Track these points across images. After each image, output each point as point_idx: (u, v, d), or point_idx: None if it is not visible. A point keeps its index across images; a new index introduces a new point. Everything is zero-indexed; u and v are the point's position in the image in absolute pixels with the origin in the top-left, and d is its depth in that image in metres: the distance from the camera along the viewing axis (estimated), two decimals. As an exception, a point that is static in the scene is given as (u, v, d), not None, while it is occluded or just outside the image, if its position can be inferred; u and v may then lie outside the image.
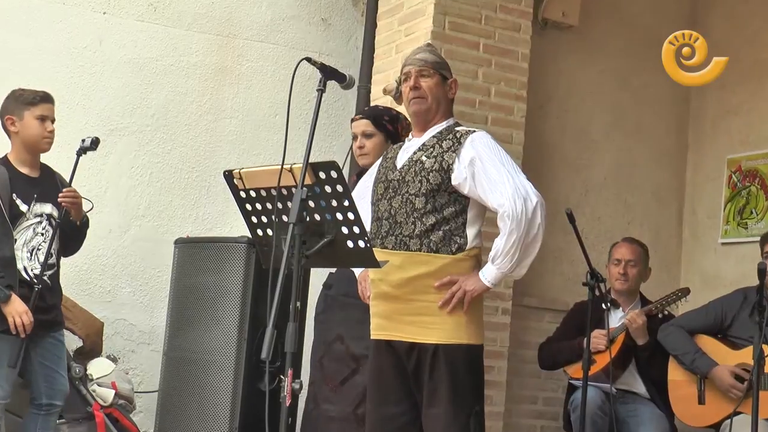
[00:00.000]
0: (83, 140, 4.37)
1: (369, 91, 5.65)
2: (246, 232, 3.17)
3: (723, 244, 6.04)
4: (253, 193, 2.98)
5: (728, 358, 4.44)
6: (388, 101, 4.86)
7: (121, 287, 5.46)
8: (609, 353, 4.57)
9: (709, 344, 4.53)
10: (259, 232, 3.04)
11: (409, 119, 3.78)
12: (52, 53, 5.42)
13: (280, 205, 2.88)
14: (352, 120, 4.31)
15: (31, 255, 4.18)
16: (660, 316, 4.76)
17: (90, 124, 5.39)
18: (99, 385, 4.78)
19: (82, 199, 4.30)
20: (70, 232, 4.32)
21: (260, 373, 4.52)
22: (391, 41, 5.45)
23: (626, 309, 4.90)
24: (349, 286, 3.92)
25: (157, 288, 5.49)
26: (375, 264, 2.95)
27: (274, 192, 2.88)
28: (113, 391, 4.79)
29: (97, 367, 4.84)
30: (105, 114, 5.45)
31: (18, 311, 4.03)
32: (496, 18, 5.32)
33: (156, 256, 5.48)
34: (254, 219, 3.03)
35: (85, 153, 4.36)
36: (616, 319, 4.84)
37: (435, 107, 3.49)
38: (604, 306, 4.34)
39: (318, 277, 4.49)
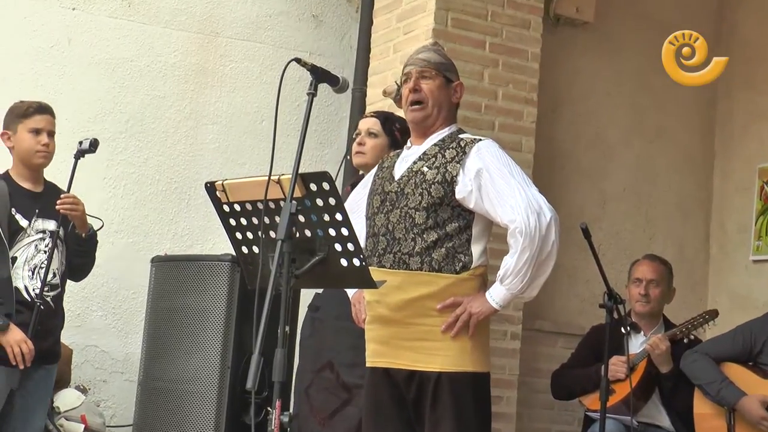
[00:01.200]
0: (80, 142, 4.40)
1: (364, 95, 5.67)
2: (230, 250, 3.17)
3: (754, 261, 6.05)
4: (237, 207, 2.98)
5: (758, 388, 4.44)
6: (386, 105, 4.88)
7: (91, 310, 5.46)
8: (629, 382, 4.57)
9: (737, 372, 4.53)
10: (244, 249, 3.04)
11: None
12: (15, 53, 5.43)
13: (267, 220, 2.89)
14: (362, 116, 4.34)
15: (33, 273, 4.21)
16: (685, 341, 4.75)
17: (57, 131, 5.39)
18: (67, 419, 4.77)
19: (88, 216, 4.33)
20: (76, 249, 4.34)
21: (245, 405, 4.52)
22: (388, 40, 5.47)
23: (648, 333, 4.90)
24: (340, 307, 3.92)
25: (132, 311, 5.49)
26: (371, 284, 2.95)
27: (260, 205, 2.89)
28: (83, 426, 4.78)
29: (65, 399, 4.84)
30: (74, 120, 5.46)
31: (17, 340, 4.07)
32: (503, 14, 5.34)
33: (130, 276, 5.48)
34: (239, 235, 3.03)
35: (83, 156, 4.39)
36: (637, 344, 4.84)
37: (435, 113, 3.49)
38: (623, 330, 4.33)
39: (307, 298, 4.50)
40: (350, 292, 3.78)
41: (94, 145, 4.39)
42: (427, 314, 3.35)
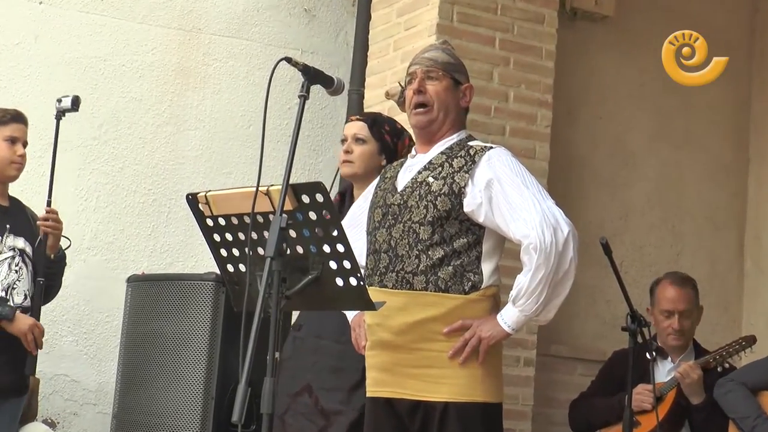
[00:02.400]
0: (59, 100, 4.41)
1: (362, 97, 5.68)
2: (214, 268, 3.17)
3: (794, 278, 6.06)
4: (222, 221, 2.99)
5: (799, 421, 4.44)
6: (386, 108, 4.88)
7: (61, 335, 5.45)
8: (656, 414, 4.56)
9: (777, 404, 4.53)
10: (230, 267, 3.04)
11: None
12: (-22, 52, 5.45)
13: (255, 235, 2.89)
14: (347, 121, 4.33)
15: (7, 293, 4.22)
16: (719, 369, 4.74)
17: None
18: (34, 456, 4.76)
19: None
20: (45, 270, 4.34)
21: (231, 440, 4.51)
22: (388, 36, 5.48)
23: (677, 359, 4.88)
24: (320, 324, 3.91)
25: (106, 336, 5.49)
26: (370, 306, 2.96)
27: (247, 219, 2.89)
28: (52, 463, 4.77)
29: (32, 434, 4.83)
30: (41, 125, 5.44)
31: (29, 325, 4.19)
32: (514, 8, 5.36)
33: (104, 297, 5.48)
34: (224, 252, 3.03)
35: (64, 116, 4.41)
36: (664, 371, 4.83)
37: (441, 118, 3.50)
38: (649, 355, 4.33)
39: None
40: (350, 315, 3.77)
41: (76, 103, 4.38)
42: (432, 339, 3.35)
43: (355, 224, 3.65)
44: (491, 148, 3.47)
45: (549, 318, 3.41)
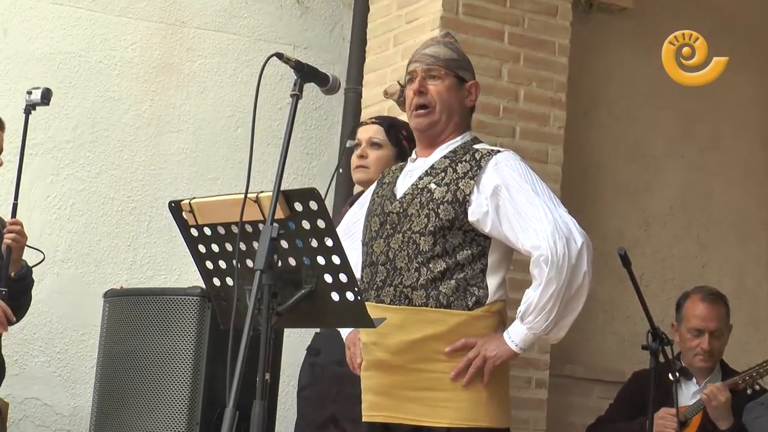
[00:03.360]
0: (29, 92, 4.40)
1: (359, 95, 5.69)
2: (199, 282, 3.18)
3: (830, 293, 6.07)
4: (207, 231, 2.99)
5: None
6: (386, 108, 4.90)
7: (32, 356, 5.46)
8: (679, 440, 4.58)
9: (810, 428, 4.53)
10: (216, 281, 3.05)
11: None
12: (-58, 48, 5.47)
13: (243, 246, 2.90)
14: (361, 124, 4.35)
15: None
16: (749, 391, 4.74)
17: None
18: (3, 487, 4.76)
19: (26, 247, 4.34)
20: (7, 289, 4.33)
21: (218, 469, 4.52)
22: (387, 30, 5.49)
23: (702, 381, 4.89)
24: (343, 351, 3.93)
25: (81, 356, 5.49)
26: (368, 323, 2.96)
27: (235, 229, 2.90)
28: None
29: (0, 463, 4.83)
30: (11, 127, 5.46)
31: None
32: (525, -1, 5.38)
33: (79, 314, 5.48)
34: (209, 264, 3.04)
35: (34, 109, 4.40)
36: (688, 393, 4.83)
37: (444, 120, 3.51)
38: (672, 376, 4.34)
39: (296, 337, 4.50)
40: (344, 333, 3.78)
41: (46, 96, 4.37)
42: (433, 358, 3.36)
43: (350, 234, 3.67)
44: (499, 151, 3.48)
45: (560, 337, 3.41)
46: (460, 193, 3.38)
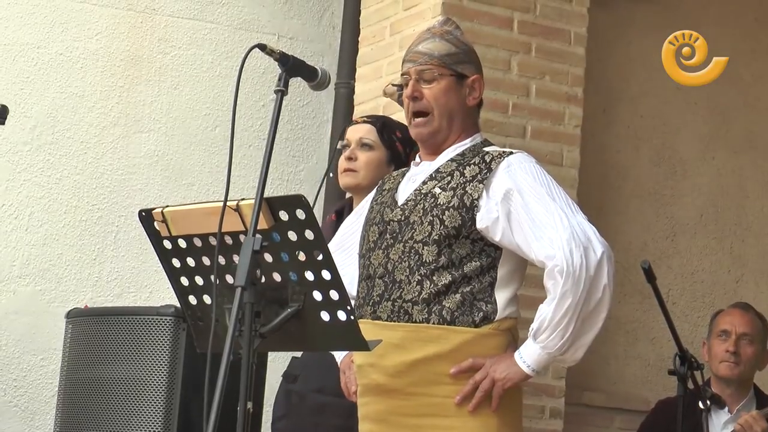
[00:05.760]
0: None
1: (352, 91, 5.69)
2: (173, 300, 3.19)
3: None
4: (182, 243, 3.00)
5: None
6: (382, 105, 4.91)
7: (-14, 383, 5.47)
8: (711, 475, 4.59)
9: None
10: (192, 299, 3.06)
11: None
12: None
13: (222, 260, 2.91)
14: (351, 123, 4.35)
15: None
16: (788, 421, 4.77)
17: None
18: None
19: None
20: None
21: None
22: (383, 18, 5.49)
23: (734, 408, 4.91)
24: (323, 376, 3.93)
25: (40, 384, 5.49)
26: (362, 346, 2.97)
27: (213, 241, 2.91)
28: None
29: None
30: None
31: None
32: (537, -17, 5.39)
33: (38, 336, 5.48)
34: (184, 280, 3.05)
35: None
36: (719, 423, 4.85)
37: (446, 126, 3.52)
38: (702, 405, 4.34)
39: (281, 362, 4.50)
40: (338, 356, 3.79)
41: (2, 114, 4.39)
42: (436, 381, 3.37)
43: (345, 246, 3.68)
44: (511, 153, 3.49)
45: (577, 358, 3.42)
46: (468, 198, 3.39)
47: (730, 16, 6.23)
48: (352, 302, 3.24)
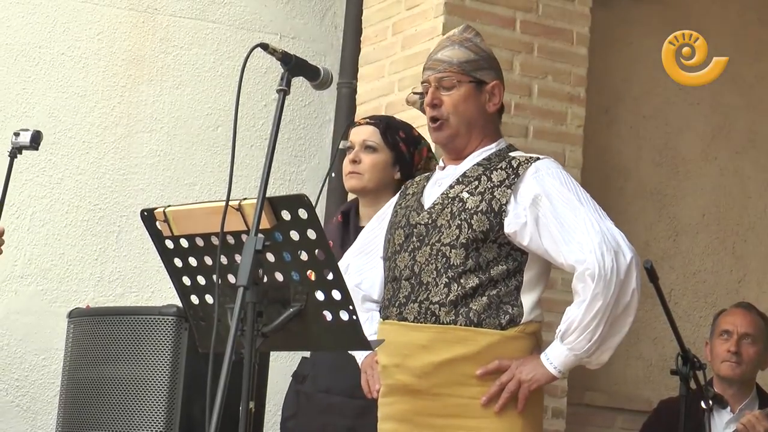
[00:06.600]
0: (16, 134, 4.40)
1: (354, 91, 5.69)
2: (175, 300, 3.18)
3: None
4: (184, 243, 3.00)
5: None
6: (384, 105, 4.91)
7: (-13, 383, 5.47)
8: (713, 476, 4.58)
9: None
10: (194, 299, 3.06)
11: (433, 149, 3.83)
12: None
13: (224, 260, 2.91)
14: (354, 124, 4.35)
15: None
16: (791, 420, 4.77)
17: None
18: None
19: None
20: None
21: None
22: (385, 17, 5.50)
23: (737, 408, 4.91)
24: (331, 377, 3.93)
25: (42, 383, 5.49)
26: (365, 345, 2.98)
27: (215, 240, 2.91)
28: None
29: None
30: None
31: None
32: (539, -18, 5.39)
33: (40, 337, 5.48)
34: (186, 280, 3.05)
35: (20, 153, 4.40)
36: (721, 423, 4.85)
37: (464, 131, 3.54)
38: (704, 405, 4.34)
39: (284, 361, 4.50)
40: (359, 357, 3.78)
41: (36, 139, 4.38)
42: (463, 382, 3.38)
43: (367, 250, 3.71)
44: (538, 158, 3.52)
45: (603, 361, 3.46)
46: (496, 203, 3.41)
47: (733, 16, 6.23)
48: (356, 304, 3.24)
